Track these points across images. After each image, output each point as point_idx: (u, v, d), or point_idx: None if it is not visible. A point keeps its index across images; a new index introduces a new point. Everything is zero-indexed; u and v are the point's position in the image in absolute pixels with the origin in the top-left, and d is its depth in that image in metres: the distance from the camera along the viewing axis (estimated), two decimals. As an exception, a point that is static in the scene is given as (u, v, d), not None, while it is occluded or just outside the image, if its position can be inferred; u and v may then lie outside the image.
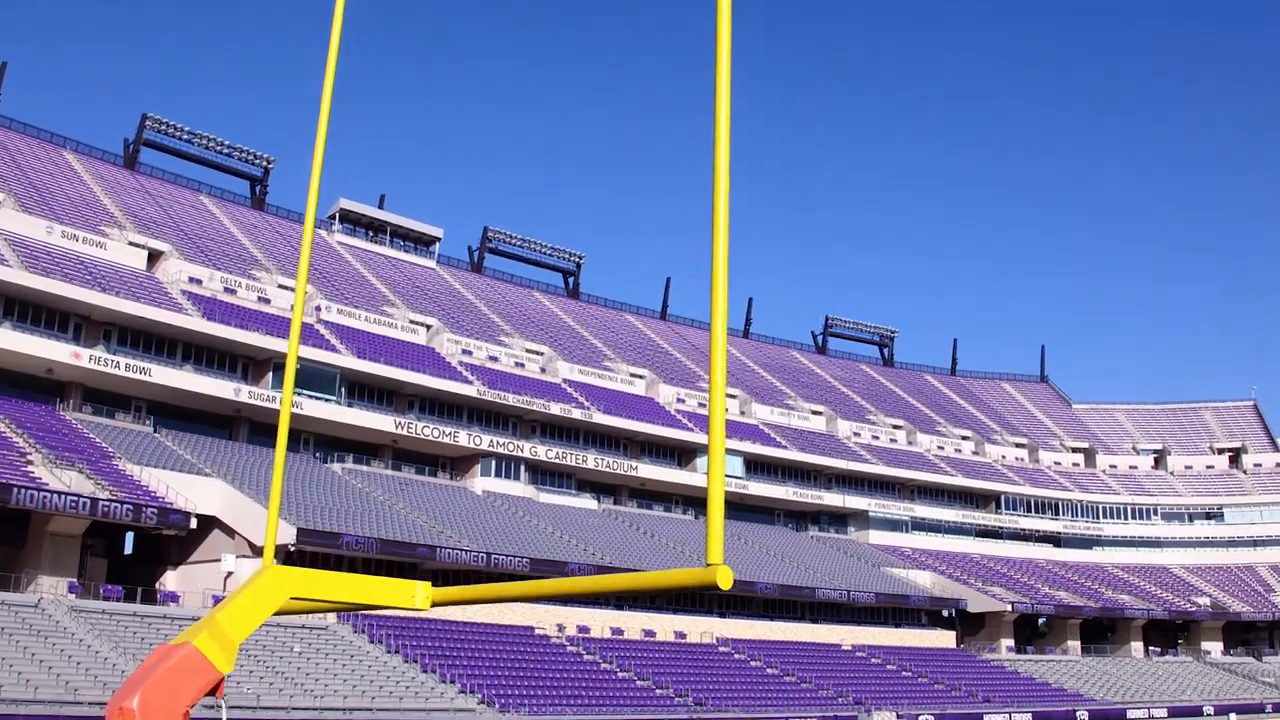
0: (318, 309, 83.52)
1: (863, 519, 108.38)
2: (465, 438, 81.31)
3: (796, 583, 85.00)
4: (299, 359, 71.20)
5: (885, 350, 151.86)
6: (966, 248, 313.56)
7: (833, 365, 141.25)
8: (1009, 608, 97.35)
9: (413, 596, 10.70)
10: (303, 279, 13.69)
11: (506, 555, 68.53)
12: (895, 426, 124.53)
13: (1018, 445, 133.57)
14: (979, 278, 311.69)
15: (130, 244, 77.39)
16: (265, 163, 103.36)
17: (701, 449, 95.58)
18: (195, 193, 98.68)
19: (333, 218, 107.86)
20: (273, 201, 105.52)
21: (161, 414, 69.66)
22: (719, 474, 8.68)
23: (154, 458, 62.96)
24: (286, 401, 13.02)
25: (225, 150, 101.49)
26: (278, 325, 76.81)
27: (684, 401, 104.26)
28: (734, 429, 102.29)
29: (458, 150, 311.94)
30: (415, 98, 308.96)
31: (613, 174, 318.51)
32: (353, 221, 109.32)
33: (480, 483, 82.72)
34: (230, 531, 60.91)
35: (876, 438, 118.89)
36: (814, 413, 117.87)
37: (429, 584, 10.99)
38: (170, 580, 62.64)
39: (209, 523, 60.88)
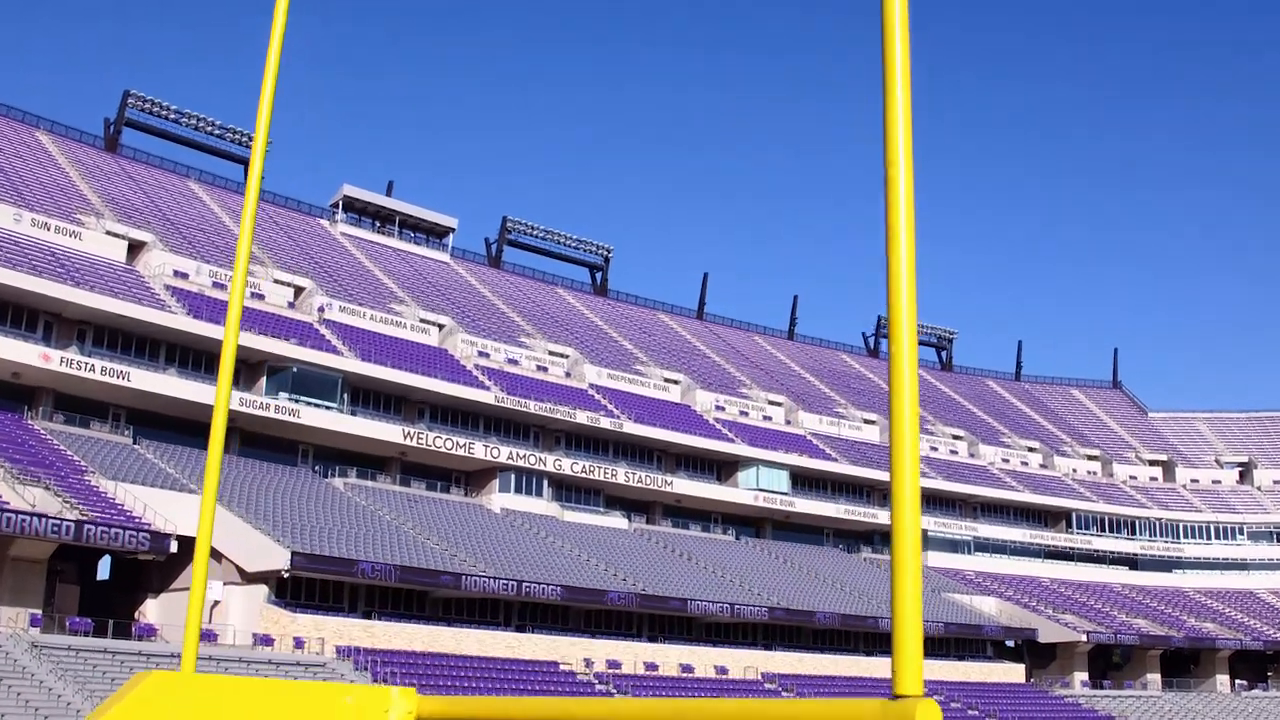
0: (321, 309, 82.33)
1: (920, 539, 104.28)
2: (481, 449, 79.60)
3: (858, 611, 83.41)
4: (297, 362, 71.13)
5: (943, 353, 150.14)
6: (1031, 242, 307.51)
7: (885, 369, 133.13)
8: (1083, 638, 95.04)
9: (385, 713, 7.00)
10: (246, 243, 10.43)
11: (539, 583, 66.92)
12: (955, 437, 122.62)
13: (1089, 458, 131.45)
14: (1045, 274, 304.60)
15: (108, 234, 75.67)
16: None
17: (744, 461, 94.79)
18: (183, 178, 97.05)
19: (335, 206, 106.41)
20: (269, 187, 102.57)
21: (142, 423, 67.82)
22: (911, 543, 5.09)
23: (132, 472, 61.26)
24: (223, 392, 9.67)
25: (216, 131, 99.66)
26: (273, 324, 75.18)
27: (723, 409, 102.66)
28: (778, 439, 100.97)
29: (473, 133, 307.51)
30: (427, 75, 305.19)
31: (643, 161, 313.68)
32: (357, 210, 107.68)
33: (498, 499, 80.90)
34: (218, 555, 58.60)
35: (935, 449, 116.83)
36: (866, 422, 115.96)
37: (412, 690, 7.32)
38: (151, 610, 60.47)
39: (193, 545, 57.23)
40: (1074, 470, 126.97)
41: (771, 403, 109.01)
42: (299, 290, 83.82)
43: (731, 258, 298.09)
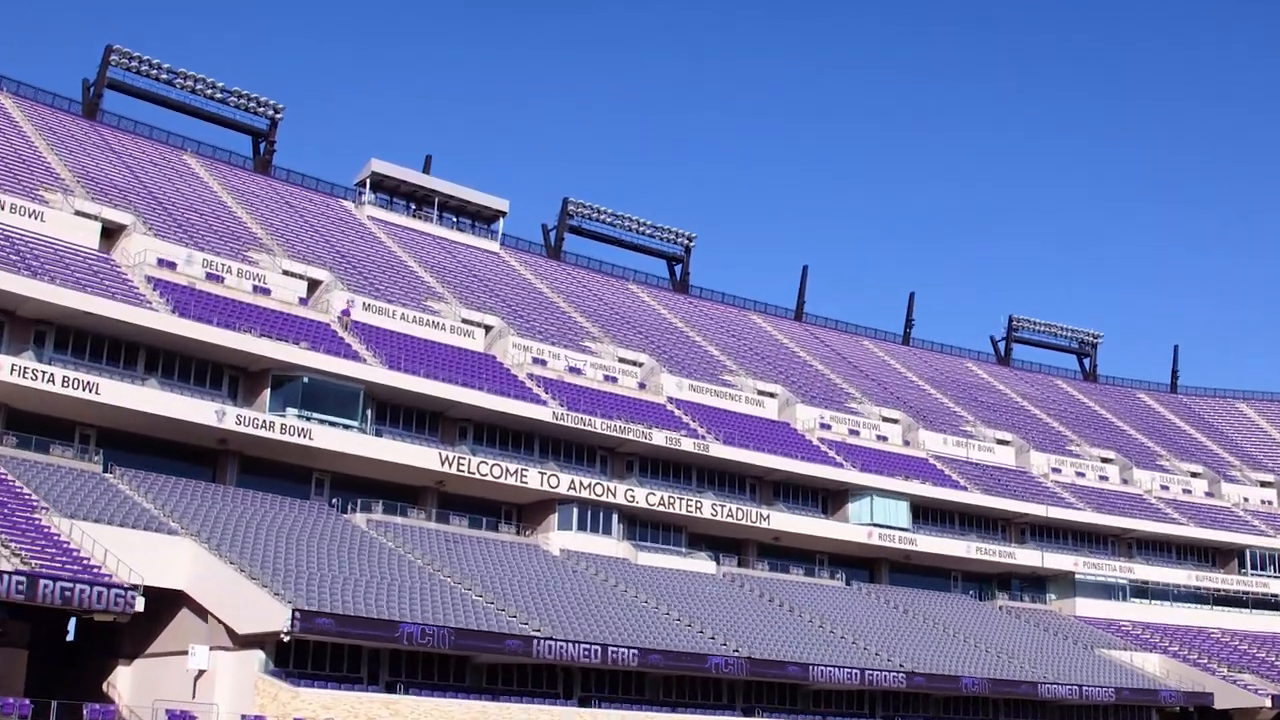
0: (347, 311, 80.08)
1: (1066, 583, 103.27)
2: (536, 477, 76.67)
3: (1006, 674, 79.61)
4: (308, 370, 68.89)
5: (1086, 360, 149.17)
6: (1187, 231, 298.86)
7: (1019, 379, 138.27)
8: (1267, 703, 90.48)
9: None
10: None
11: (623, 647, 62.55)
12: (1104, 459, 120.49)
13: (1263, 484, 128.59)
14: (1203, 269, 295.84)
15: (78, 214, 73.37)
16: (272, 112, 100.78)
17: (855, 490, 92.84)
18: (177, 150, 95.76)
19: (362, 185, 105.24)
20: (281, 164, 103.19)
21: (116, 446, 64.48)
22: None
23: (97, 508, 57.37)
24: None
25: (218, 95, 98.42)
26: (280, 324, 72.41)
27: (829, 427, 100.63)
28: (895, 463, 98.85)
29: (527, 101, 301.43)
30: (472, 34, 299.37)
31: (730, 136, 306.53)
32: (388, 190, 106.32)
33: (557, 539, 78.02)
34: (203, 613, 55.26)
35: (1081, 474, 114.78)
36: (999, 442, 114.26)
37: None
38: (122, 679, 57.52)
39: (175, 600, 55.67)
40: (1245, 499, 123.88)
41: (886, 419, 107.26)
42: (314, 284, 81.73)
43: (834, 249, 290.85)
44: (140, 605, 50.48)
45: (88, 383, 60.70)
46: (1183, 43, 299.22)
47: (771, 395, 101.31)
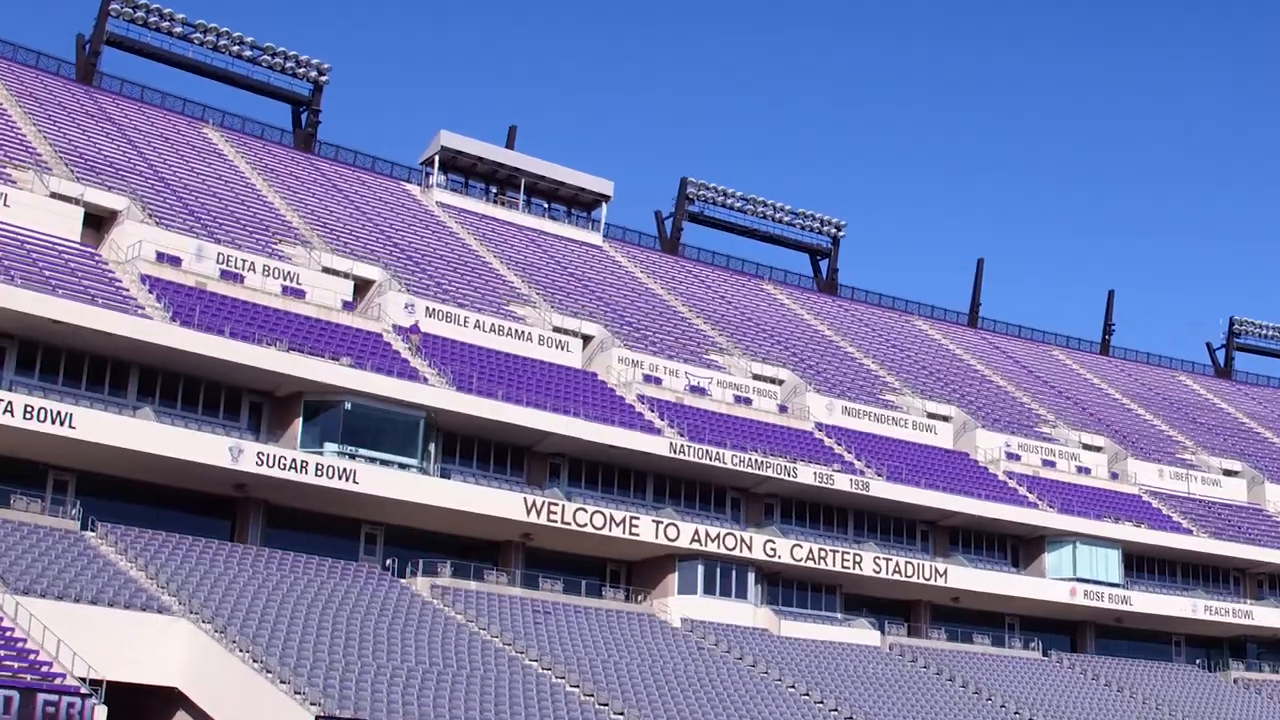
0: (415, 327, 75.85)
1: None
2: (650, 527, 72.53)
3: None
4: (353, 394, 64.99)
5: None
6: None
7: (1244, 395, 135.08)
8: None
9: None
10: None
11: None
12: None
13: None
14: None
15: (54, 196, 69.65)
16: (316, 75, 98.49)
17: (1054, 536, 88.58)
18: (194, 121, 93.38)
19: (429, 163, 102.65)
20: (327, 138, 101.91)
21: (99, 495, 59.90)
22: None
23: (65, 581, 51.69)
24: None
25: (246, 53, 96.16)
26: (316, 334, 68.51)
27: (1018, 457, 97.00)
28: (1100, 502, 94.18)
29: (631, 63, 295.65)
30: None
31: (883, 111, 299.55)
32: (463, 170, 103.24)
33: (678, 605, 73.81)
34: (203, 718, 50.19)
35: None
36: (1226, 473, 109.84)
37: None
38: None
39: (168, 700, 50.70)
40: None
41: (1087, 447, 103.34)
42: (363, 284, 78.67)
43: (1011, 242, 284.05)
44: (103, 717, 43.99)
45: (60, 414, 55.93)
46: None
47: (945, 419, 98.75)
